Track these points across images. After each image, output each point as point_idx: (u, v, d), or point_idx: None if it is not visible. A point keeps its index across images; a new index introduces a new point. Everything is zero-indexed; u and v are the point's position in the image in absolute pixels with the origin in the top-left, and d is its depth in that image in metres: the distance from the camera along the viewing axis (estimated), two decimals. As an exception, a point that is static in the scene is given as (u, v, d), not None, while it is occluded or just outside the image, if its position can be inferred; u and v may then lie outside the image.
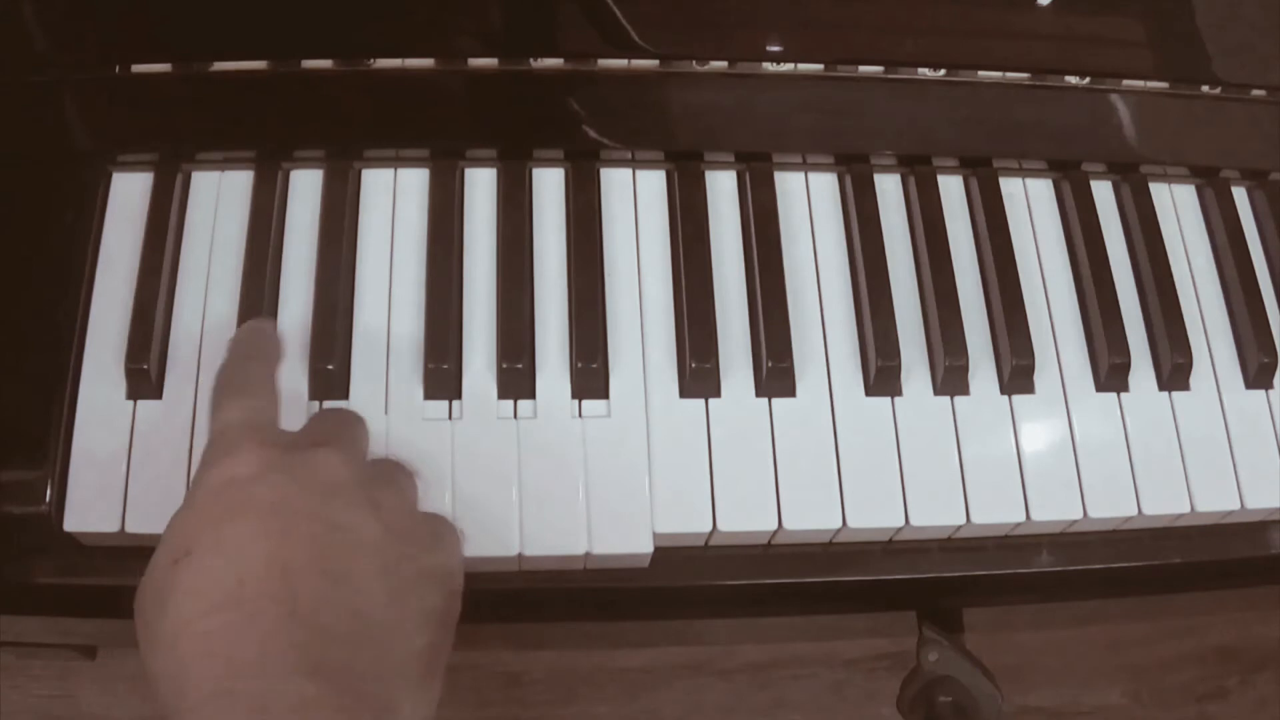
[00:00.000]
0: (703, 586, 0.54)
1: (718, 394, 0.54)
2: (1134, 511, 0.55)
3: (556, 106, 0.59)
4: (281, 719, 0.36)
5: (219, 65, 0.56)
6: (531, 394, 0.53)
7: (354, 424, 0.48)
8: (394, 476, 0.46)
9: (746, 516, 0.52)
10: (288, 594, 0.39)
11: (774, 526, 0.52)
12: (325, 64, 0.57)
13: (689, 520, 0.52)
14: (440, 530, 0.45)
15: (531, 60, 0.58)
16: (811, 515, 0.53)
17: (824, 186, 0.60)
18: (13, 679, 1.05)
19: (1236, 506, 0.56)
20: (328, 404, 0.52)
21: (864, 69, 0.60)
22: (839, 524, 0.53)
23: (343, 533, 0.41)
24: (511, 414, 0.53)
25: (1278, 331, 0.59)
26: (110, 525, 0.50)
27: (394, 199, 0.57)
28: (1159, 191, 0.62)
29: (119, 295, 0.53)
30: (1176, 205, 0.63)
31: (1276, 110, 0.63)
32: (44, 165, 0.56)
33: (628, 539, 0.51)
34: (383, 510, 0.42)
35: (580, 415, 0.53)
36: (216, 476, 0.42)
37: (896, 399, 0.55)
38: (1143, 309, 0.60)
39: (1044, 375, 0.57)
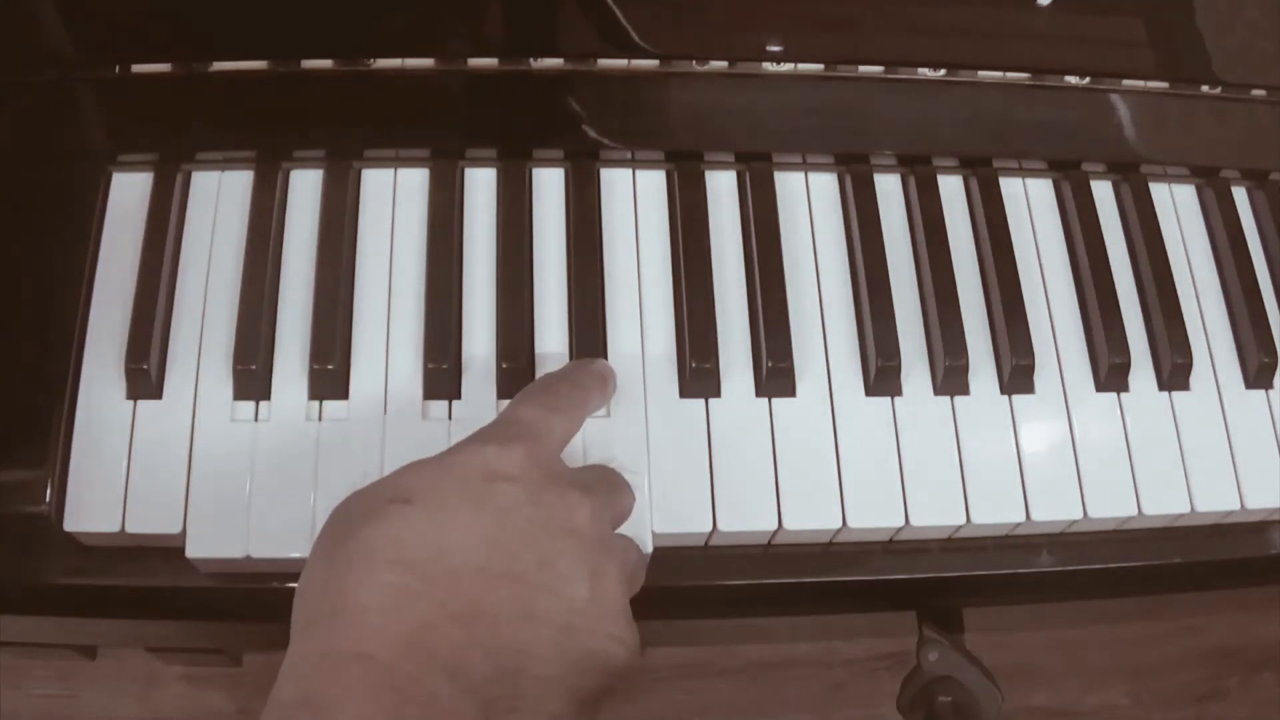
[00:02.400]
0: (703, 586, 0.54)
1: (718, 394, 0.54)
2: (1134, 511, 0.55)
3: (556, 106, 0.59)
4: (409, 708, 0.36)
5: (219, 65, 0.57)
6: (532, 394, 0.53)
7: (623, 489, 0.48)
8: (629, 559, 0.45)
9: (746, 516, 0.52)
10: (472, 596, 0.39)
11: (774, 526, 0.52)
12: (325, 64, 0.57)
13: (689, 520, 0.52)
14: (634, 628, 0.43)
15: (531, 60, 0.58)
16: (811, 515, 0.53)
17: (824, 186, 0.60)
18: (13, 679, 1.05)
19: (1236, 506, 0.56)
20: (328, 404, 0.52)
21: (864, 69, 0.60)
22: (839, 524, 0.53)
23: (548, 576, 0.40)
24: (512, 414, 0.53)
25: (1278, 331, 0.59)
26: (110, 525, 0.50)
27: (394, 199, 0.57)
28: (1159, 191, 0.62)
29: (119, 295, 0.53)
30: (1176, 205, 0.63)
31: (1276, 110, 0.63)
32: (44, 165, 0.56)
33: (627, 539, 0.51)
34: (599, 580, 0.42)
35: (580, 415, 0.53)
36: (480, 457, 0.42)
37: (896, 399, 0.55)
38: (1143, 309, 0.60)
39: (1044, 375, 0.57)
